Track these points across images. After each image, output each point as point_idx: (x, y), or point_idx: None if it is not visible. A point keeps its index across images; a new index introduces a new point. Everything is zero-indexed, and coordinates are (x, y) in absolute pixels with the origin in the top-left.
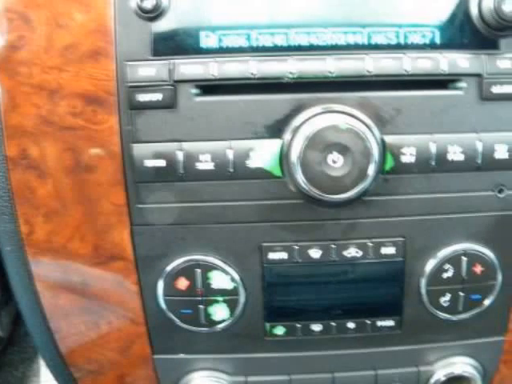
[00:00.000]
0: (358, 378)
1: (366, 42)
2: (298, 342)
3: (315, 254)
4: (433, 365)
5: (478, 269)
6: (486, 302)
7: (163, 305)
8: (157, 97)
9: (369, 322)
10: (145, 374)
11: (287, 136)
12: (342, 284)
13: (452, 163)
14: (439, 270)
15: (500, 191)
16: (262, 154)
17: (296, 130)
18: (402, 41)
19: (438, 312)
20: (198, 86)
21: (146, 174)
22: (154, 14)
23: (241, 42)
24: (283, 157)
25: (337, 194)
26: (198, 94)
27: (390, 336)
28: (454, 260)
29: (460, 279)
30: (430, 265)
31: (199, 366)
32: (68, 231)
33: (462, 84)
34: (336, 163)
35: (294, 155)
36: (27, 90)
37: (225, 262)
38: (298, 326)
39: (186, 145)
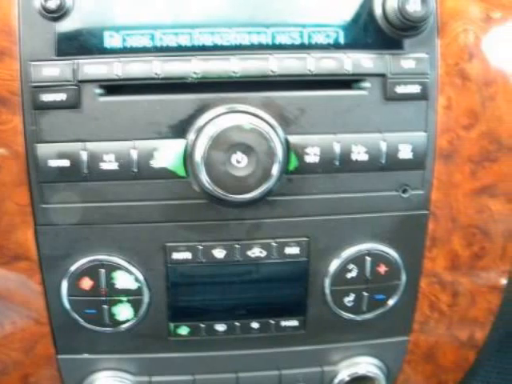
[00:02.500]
0: (262, 378)
1: (270, 42)
2: (203, 342)
3: (219, 253)
4: (337, 365)
5: (382, 269)
6: (390, 302)
7: (67, 305)
8: (61, 97)
9: (273, 322)
10: (49, 374)
11: (191, 136)
12: (246, 284)
13: (356, 163)
14: (343, 269)
15: (404, 191)
16: (166, 154)
17: (200, 130)
18: (306, 41)
19: (342, 312)
20: (102, 86)
21: (49, 174)
22: (58, 13)
23: (145, 42)
24: (187, 157)
25: (241, 194)
26: (102, 94)
27: (294, 336)
28: (358, 260)
29: (364, 279)
30: (334, 265)
31: (103, 365)
32: None
33: (366, 84)
34: (240, 163)
35: (198, 155)
36: None
37: (129, 262)
38: (202, 326)
39: (90, 145)
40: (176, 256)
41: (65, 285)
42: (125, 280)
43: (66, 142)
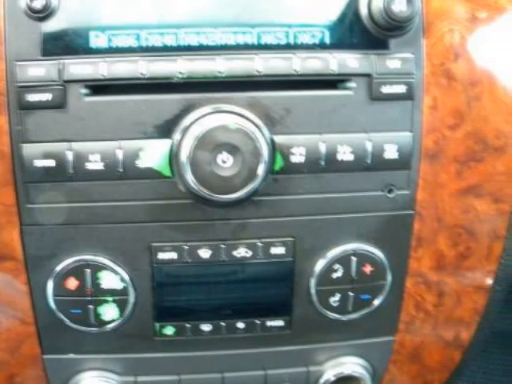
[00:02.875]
0: (248, 378)
1: (255, 42)
2: (188, 342)
3: (205, 254)
4: (322, 365)
5: (368, 269)
6: (376, 302)
7: (53, 305)
8: (46, 97)
9: (258, 322)
10: (34, 374)
11: (177, 136)
12: (231, 284)
13: (342, 163)
14: (329, 269)
15: (390, 191)
16: (152, 154)
17: (185, 130)
18: (291, 41)
19: (328, 312)
20: (87, 86)
21: (35, 174)
22: (44, 14)
23: (130, 41)
24: (173, 157)
25: (226, 194)
26: (87, 94)
27: (280, 336)
28: (343, 260)
29: (349, 279)
30: (319, 265)
31: (89, 365)
32: None
33: (352, 84)
34: (226, 163)
35: (184, 155)
36: None
37: (114, 262)
38: (188, 326)
39: (75, 145)
40: (161, 256)
41: (50, 285)
42: (110, 280)
43: (51, 142)
